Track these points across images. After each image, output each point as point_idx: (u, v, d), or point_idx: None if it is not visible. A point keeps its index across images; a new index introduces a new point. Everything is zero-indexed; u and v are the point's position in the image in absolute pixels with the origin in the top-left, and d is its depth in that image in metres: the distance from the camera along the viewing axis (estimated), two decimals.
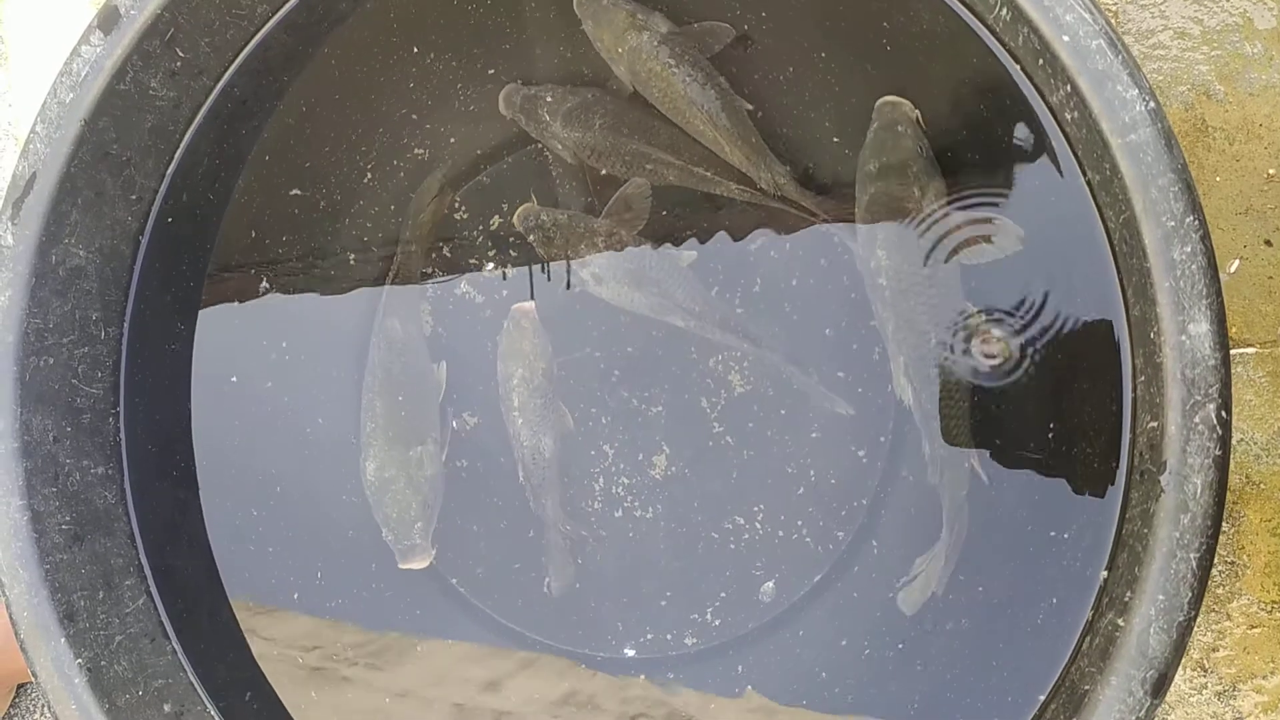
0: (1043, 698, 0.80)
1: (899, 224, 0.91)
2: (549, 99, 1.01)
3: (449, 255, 1.07)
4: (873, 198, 0.92)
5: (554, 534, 1.04)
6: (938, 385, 0.91)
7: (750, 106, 0.98)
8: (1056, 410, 0.89)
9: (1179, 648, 0.70)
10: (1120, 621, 0.72)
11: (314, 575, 1.06)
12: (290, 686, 1.00)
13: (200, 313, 1.05)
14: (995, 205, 0.90)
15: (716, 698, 0.99)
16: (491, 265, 1.06)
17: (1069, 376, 0.88)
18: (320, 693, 1.02)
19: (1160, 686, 0.70)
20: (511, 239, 1.06)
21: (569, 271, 1.04)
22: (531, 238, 1.03)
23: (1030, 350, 0.90)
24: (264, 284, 1.06)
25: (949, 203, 0.91)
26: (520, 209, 1.04)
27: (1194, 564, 0.69)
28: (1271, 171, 1.06)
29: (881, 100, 0.93)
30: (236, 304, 1.06)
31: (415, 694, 1.03)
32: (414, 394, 1.05)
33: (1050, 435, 0.89)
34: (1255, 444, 1.06)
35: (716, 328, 1.00)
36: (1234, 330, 1.06)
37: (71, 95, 0.87)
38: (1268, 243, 1.06)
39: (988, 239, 0.90)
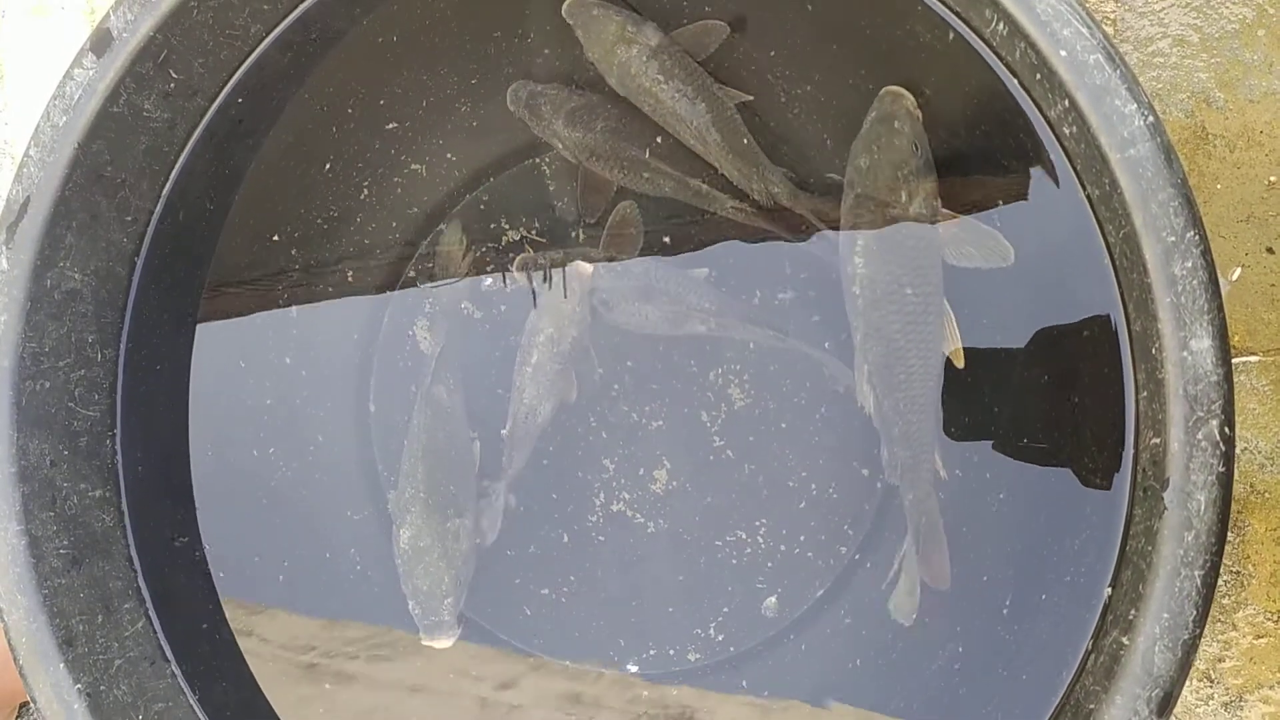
0: (1048, 716, 0.80)
1: (881, 230, 0.90)
2: (553, 97, 1.01)
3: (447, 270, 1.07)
4: (858, 198, 0.90)
5: (504, 489, 1.03)
6: (902, 393, 0.90)
7: (749, 96, 0.98)
8: (1059, 426, 0.89)
9: (1184, 666, 0.69)
10: (1125, 639, 0.71)
11: (314, 595, 1.05)
12: (291, 706, 1.00)
13: (197, 332, 1.04)
14: (992, 220, 0.90)
15: (720, 710, 0.99)
16: (490, 281, 1.06)
17: (1071, 392, 0.87)
18: (320, 710, 1.02)
19: (1166, 705, 0.69)
20: (510, 254, 1.06)
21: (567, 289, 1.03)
22: (535, 286, 1.03)
23: (1030, 365, 0.89)
24: (261, 302, 1.06)
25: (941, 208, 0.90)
26: (517, 260, 1.04)
27: (1198, 581, 0.69)
28: (1273, 179, 1.05)
29: (884, 90, 0.91)
30: (234, 323, 1.06)
31: (422, 694, 1.02)
32: (455, 465, 1.03)
33: (1053, 450, 0.89)
34: (1259, 453, 1.06)
35: (739, 324, 0.99)
36: (1237, 338, 1.06)
37: (65, 118, 0.87)
38: (1270, 250, 1.05)
39: (973, 237, 0.89)
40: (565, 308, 1.01)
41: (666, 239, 1.03)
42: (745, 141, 0.97)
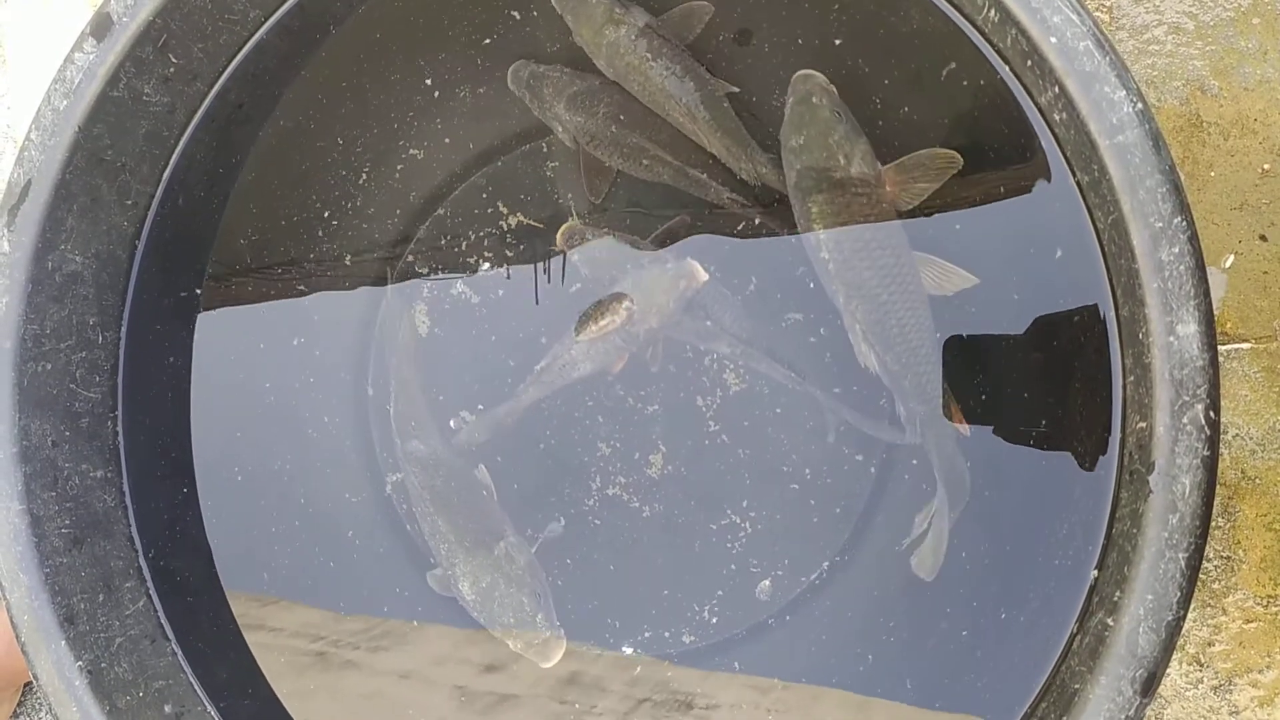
0: (1033, 696, 0.80)
1: (830, 195, 0.91)
2: (555, 80, 1.02)
3: (445, 255, 1.07)
4: (800, 173, 0.92)
5: (505, 411, 1.04)
6: (900, 345, 0.90)
7: (735, 88, 0.98)
8: (1047, 410, 0.89)
9: (1168, 647, 0.70)
10: (1110, 621, 0.72)
11: (313, 574, 1.06)
12: (290, 685, 1.01)
13: (198, 315, 1.05)
14: (984, 207, 0.90)
15: (715, 691, 1.00)
16: (488, 265, 1.07)
17: (1059, 376, 0.88)
18: (320, 688, 1.03)
19: (1149, 685, 0.70)
20: (508, 238, 1.06)
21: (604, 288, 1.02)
22: (576, 257, 1.02)
23: (1020, 351, 0.90)
24: (262, 285, 1.07)
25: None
26: (564, 228, 1.03)
27: (1182, 564, 0.69)
28: (1266, 166, 1.05)
29: (795, 75, 0.93)
30: (235, 306, 1.07)
31: (417, 677, 1.03)
32: (469, 499, 1.03)
33: (1041, 435, 0.89)
34: (1250, 439, 1.06)
35: (762, 357, 0.99)
36: (1229, 325, 1.06)
37: (65, 102, 0.88)
38: (1263, 238, 1.06)
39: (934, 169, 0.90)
40: (660, 298, 0.99)
41: (663, 226, 1.04)
42: (733, 121, 0.98)
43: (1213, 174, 1.06)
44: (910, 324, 0.90)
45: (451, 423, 1.06)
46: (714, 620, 1.02)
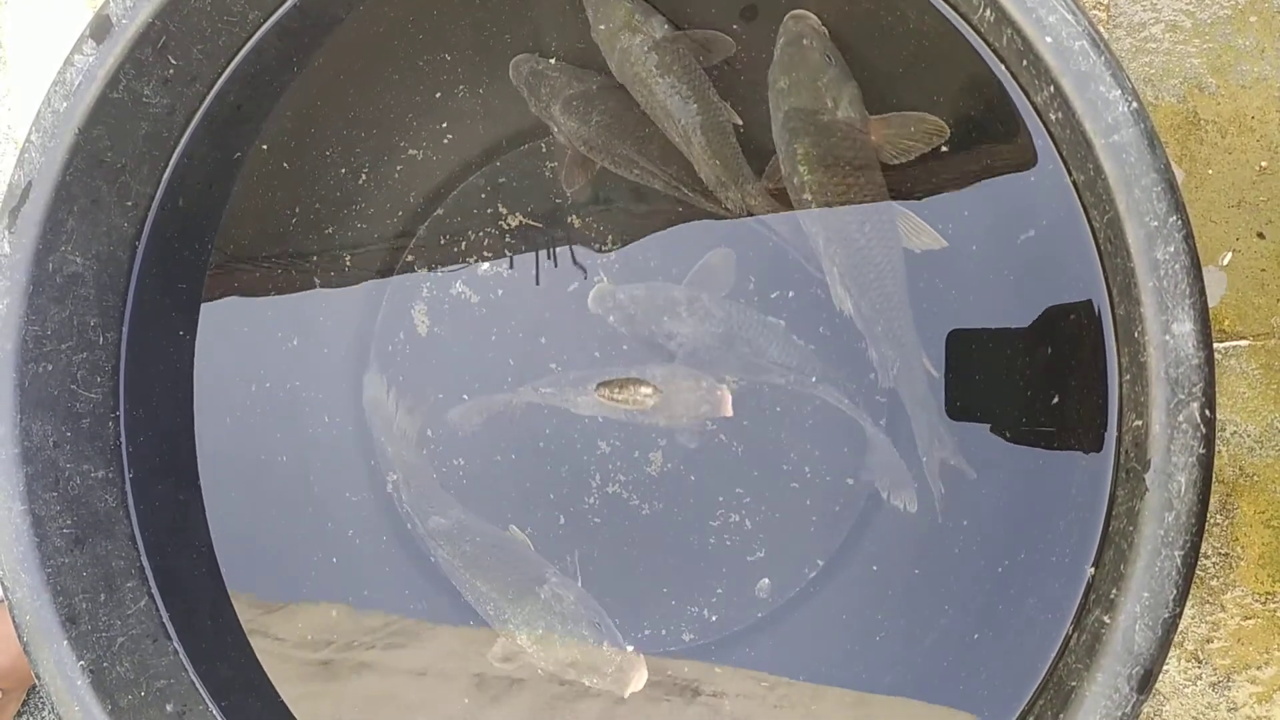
0: (1031, 693, 0.81)
1: (816, 136, 0.91)
2: (553, 80, 1.01)
3: (445, 254, 1.08)
4: (787, 115, 0.92)
5: (499, 402, 1.04)
6: (876, 291, 0.91)
7: (739, 121, 0.98)
8: (1043, 408, 0.90)
9: (1164, 644, 0.70)
10: (1106, 618, 0.72)
11: (315, 573, 1.07)
12: (291, 682, 1.02)
13: (199, 315, 1.05)
14: (980, 203, 0.91)
15: (714, 686, 1.00)
16: (487, 265, 1.07)
17: (1056, 374, 0.88)
18: (321, 687, 1.03)
19: (1146, 683, 0.70)
20: (507, 238, 1.06)
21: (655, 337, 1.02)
22: (612, 319, 1.02)
23: (1018, 349, 0.90)
24: (262, 285, 1.07)
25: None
26: (594, 290, 1.02)
27: (1178, 561, 0.69)
28: (1264, 164, 1.06)
29: (787, 16, 0.93)
30: (235, 306, 1.07)
31: (424, 674, 1.03)
32: (501, 555, 1.02)
33: (1037, 432, 0.89)
34: (1249, 436, 1.06)
35: (815, 382, 0.99)
36: (1227, 323, 1.06)
37: (65, 104, 0.88)
38: (1260, 235, 1.06)
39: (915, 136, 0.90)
40: (679, 410, 0.99)
41: (657, 228, 1.04)
42: (730, 149, 0.97)
43: (1210, 171, 1.06)
44: (886, 270, 0.90)
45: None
46: (713, 618, 1.02)
